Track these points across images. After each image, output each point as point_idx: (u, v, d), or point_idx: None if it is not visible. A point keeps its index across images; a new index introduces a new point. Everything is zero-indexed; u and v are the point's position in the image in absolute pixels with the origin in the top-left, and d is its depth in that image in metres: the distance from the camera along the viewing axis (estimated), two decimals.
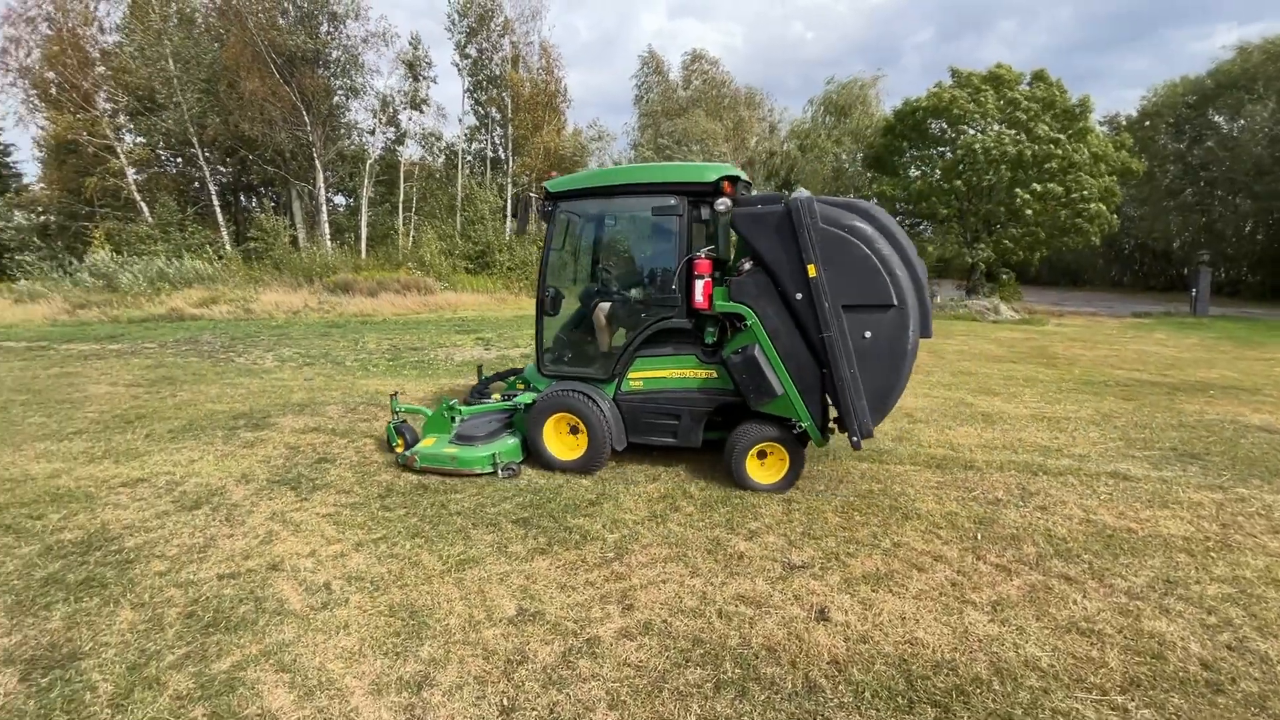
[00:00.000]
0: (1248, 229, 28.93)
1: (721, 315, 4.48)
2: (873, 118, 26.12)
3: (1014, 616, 2.92)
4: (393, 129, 30.36)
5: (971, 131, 21.33)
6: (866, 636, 2.77)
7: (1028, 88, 21.33)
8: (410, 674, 2.48)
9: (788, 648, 2.68)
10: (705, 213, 4.46)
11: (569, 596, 3.04)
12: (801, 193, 4.08)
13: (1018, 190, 19.69)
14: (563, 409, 4.70)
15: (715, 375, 4.56)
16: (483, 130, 31.93)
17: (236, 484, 4.45)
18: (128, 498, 4.18)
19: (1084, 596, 3.12)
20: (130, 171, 25.12)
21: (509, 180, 29.80)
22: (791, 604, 3.01)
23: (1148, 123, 30.62)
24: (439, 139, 32.55)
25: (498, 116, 30.82)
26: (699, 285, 4.33)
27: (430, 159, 33.01)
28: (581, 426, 4.67)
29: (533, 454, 4.86)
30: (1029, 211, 19.88)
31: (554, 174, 5.49)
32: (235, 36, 23.66)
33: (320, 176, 26.23)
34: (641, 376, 4.74)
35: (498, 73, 29.53)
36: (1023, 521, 3.99)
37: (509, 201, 29.47)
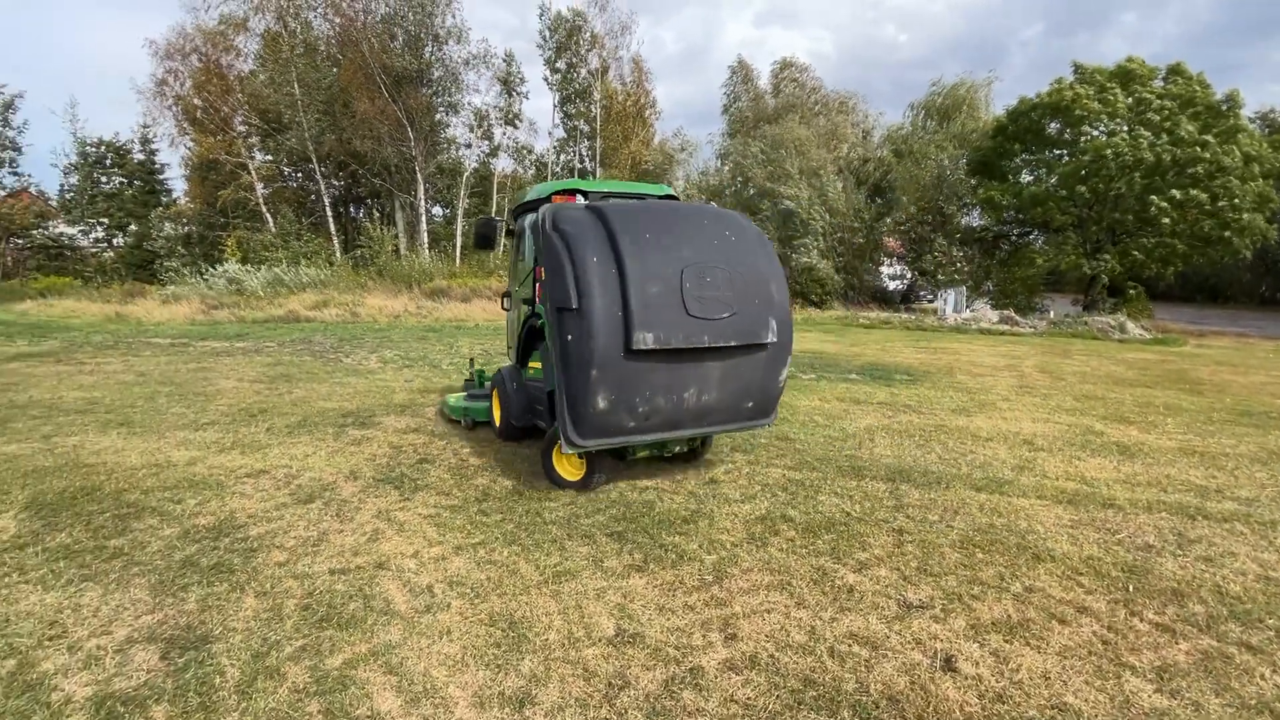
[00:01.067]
0: None
1: None
2: (980, 121, 24.55)
3: (1186, 688, 2.51)
4: (486, 143, 31.87)
5: (1095, 133, 19.56)
6: (1004, 695, 2.46)
7: (1162, 84, 19.32)
8: (512, 689, 2.43)
9: (912, 700, 2.42)
10: None
11: (668, 620, 2.92)
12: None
13: (1153, 197, 17.81)
14: (493, 385, 6.11)
15: None
16: (571, 142, 32.82)
17: (346, 480, 4.67)
18: (252, 488, 4.47)
19: (1274, 671, 2.64)
20: (259, 186, 27.69)
21: None
22: (912, 648, 2.74)
23: None
24: (530, 152, 33.80)
25: (586, 129, 31.58)
26: (536, 288, 4.70)
27: (521, 171, 34.31)
28: None
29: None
30: (1165, 220, 17.93)
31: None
32: (351, 60, 25.60)
33: (421, 189, 27.83)
34: (533, 366, 5.38)
35: (586, 86, 30.28)
36: (1184, 574, 3.47)
37: None
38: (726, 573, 3.37)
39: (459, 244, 29.03)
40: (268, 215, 27.25)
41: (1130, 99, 19.00)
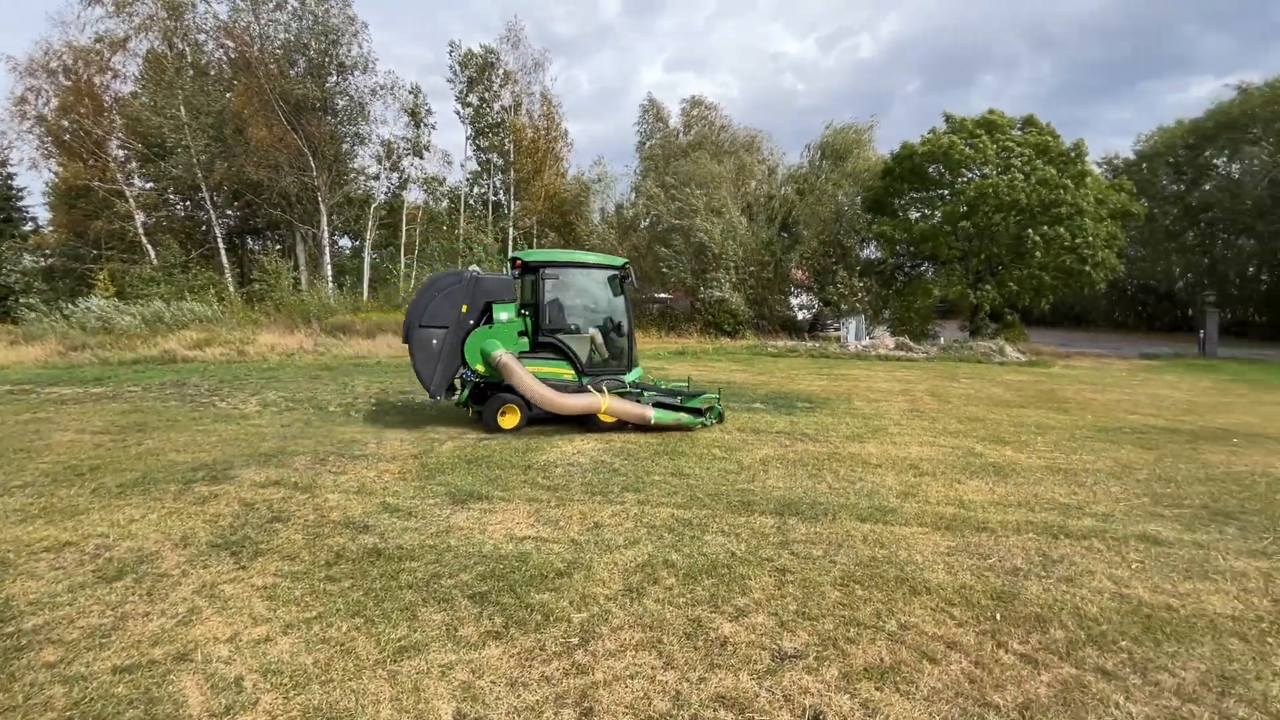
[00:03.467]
0: (1251, 270, 28.74)
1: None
2: (869, 161, 26.34)
3: None
4: (396, 174, 30.95)
5: (971, 175, 21.40)
6: None
7: (1020, 133, 21.49)
8: None
9: None
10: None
11: (518, 696, 2.59)
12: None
13: (1029, 232, 19.54)
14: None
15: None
16: (485, 175, 32.45)
17: (173, 548, 4.04)
18: (47, 565, 3.77)
19: (1127, 698, 2.65)
20: (139, 215, 25.40)
21: (510, 222, 30.08)
22: (781, 708, 2.55)
23: (1145, 166, 30.82)
24: (441, 184, 33.11)
25: (499, 162, 31.36)
26: None
27: (433, 203, 33.50)
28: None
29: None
30: (1036, 255, 19.72)
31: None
32: (245, 85, 24.24)
33: (325, 220, 26.47)
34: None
35: (500, 120, 30.17)
36: (1047, 597, 3.53)
37: (509, 243, 29.67)
38: (595, 633, 3.09)
39: (366, 277, 27.75)
40: (149, 246, 24.98)
41: (995, 146, 20.98)
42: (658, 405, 7.67)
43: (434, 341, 7.48)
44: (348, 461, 6.19)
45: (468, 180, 32.58)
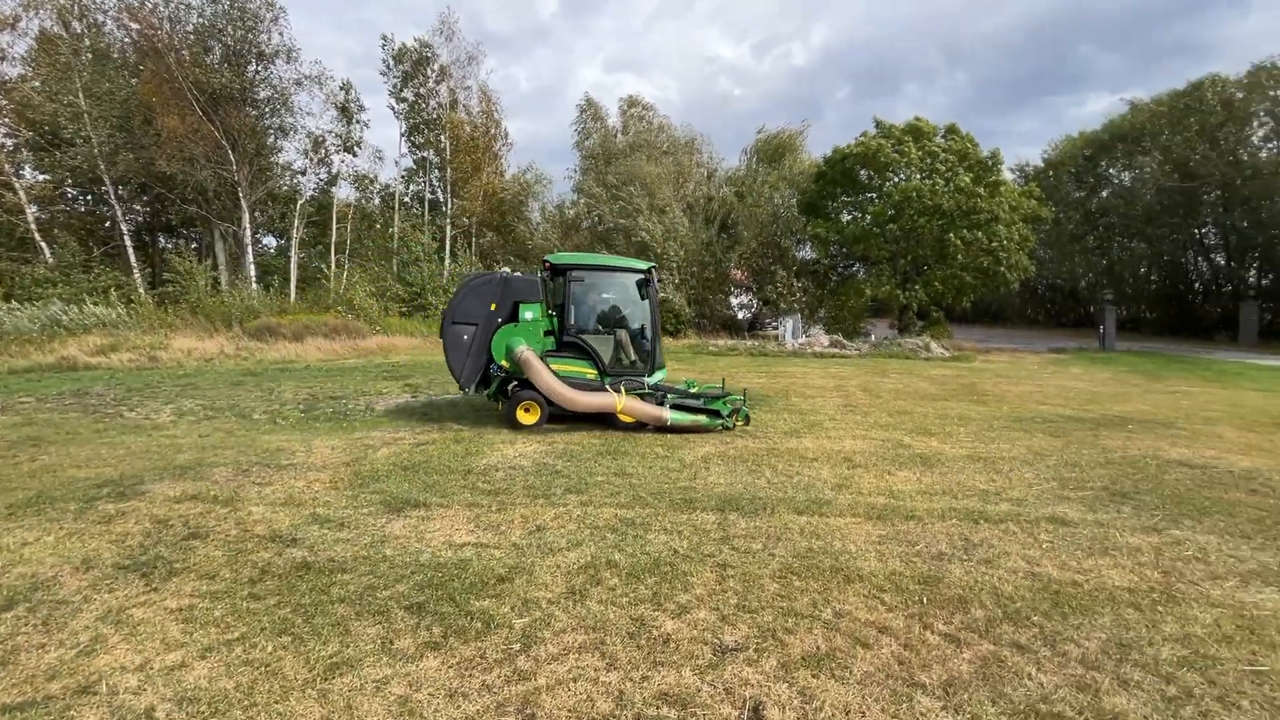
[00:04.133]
0: (1143, 270, 31.38)
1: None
2: (803, 164, 27.20)
3: (969, 701, 2.61)
4: (325, 170, 29.61)
5: (898, 179, 22.43)
6: None
7: (943, 140, 22.71)
8: None
9: None
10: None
11: (458, 707, 2.53)
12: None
13: (950, 235, 20.65)
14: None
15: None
16: (420, 173, 31.49)
17: (73, 572, 3.72)
18: None
19: (1038, 669, 2.84)
20: (30, 209, 23.23)
21: (448, 222, 29.31)
22: (722, 701, 2.60)
23: (1051, 173, 33.14)
24: (374, 181, 31.91)
25: (435, 160, 30.50)
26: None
27: (365, 201, 32.24)
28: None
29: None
30: (958, 257, 20.86)
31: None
32: (154, 72, 22.60)
33: (246, 217, 25.02)
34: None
35: (435, 116, 29.34)
36: (968, 579, 3.74)
37: (447, 243, 28.93)
38: (537, 637, 3.05)
39: (294, 276, 26.38)
40: (42, 244, 22.88)
41: (920, 151, 22.08)
42: (676, 407, 7.84)
43: (465, 337, 7.93)
44: (274, 472, 5.87)
45: (402, 178, 31.55)
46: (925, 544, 4.27)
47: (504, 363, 7.93)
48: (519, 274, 8.28)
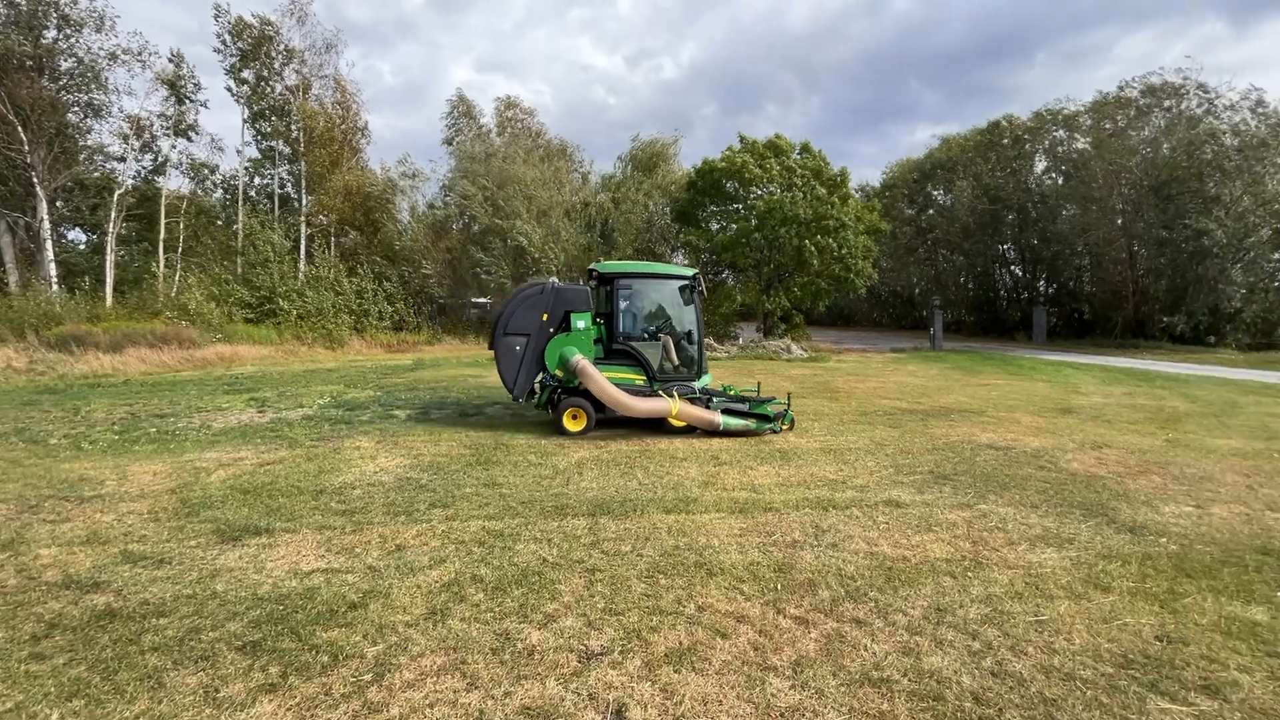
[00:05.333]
0: (963, 279, 36.08)
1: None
2: (675, 175, 28.22)
3: (813, 678, 2.82)
4: (151, 156, 25.96)
5: (760, 191, 23.96)
6: None
7: (799, 156, 24.63)
8: None
9: None
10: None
11: None
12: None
13: (806, 243, 22.39)
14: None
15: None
16: (268, 165, 28.60)
17: None
18: None
19: (873, 640, 3.15)
20: None
21: (302, 219, 26.86)
22: (586, 708, 2.60)
23: (888, 193, 37.16)
24: (213, 171, 28.52)
25: (286, 151, 27.86)
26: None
27: (203, 193, 28.68)
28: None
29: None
30: (813, 264, 22.66)
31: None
32: None
33: (44, 206, 21.29)
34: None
35: (284, 103, 26.81)
36: (817, 563, 4.06)
37: (302, 242, 26.51)
38: (391, 664, 2.86)
39: (110, 277, 22.76)
40: None
41: (780, 166, 23.78)
42: (726, 411, 7.99)
43: (517, 348, 8.01)
44: (73, 505, 5.02)
45: (247, 169, 28.47)
46: (781, 534, 4.57)
47: (557, 372, 8.01)
48: (569, 284, 8.43)
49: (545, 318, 7.98)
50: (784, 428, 8.27)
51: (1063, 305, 30.72)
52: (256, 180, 29.59)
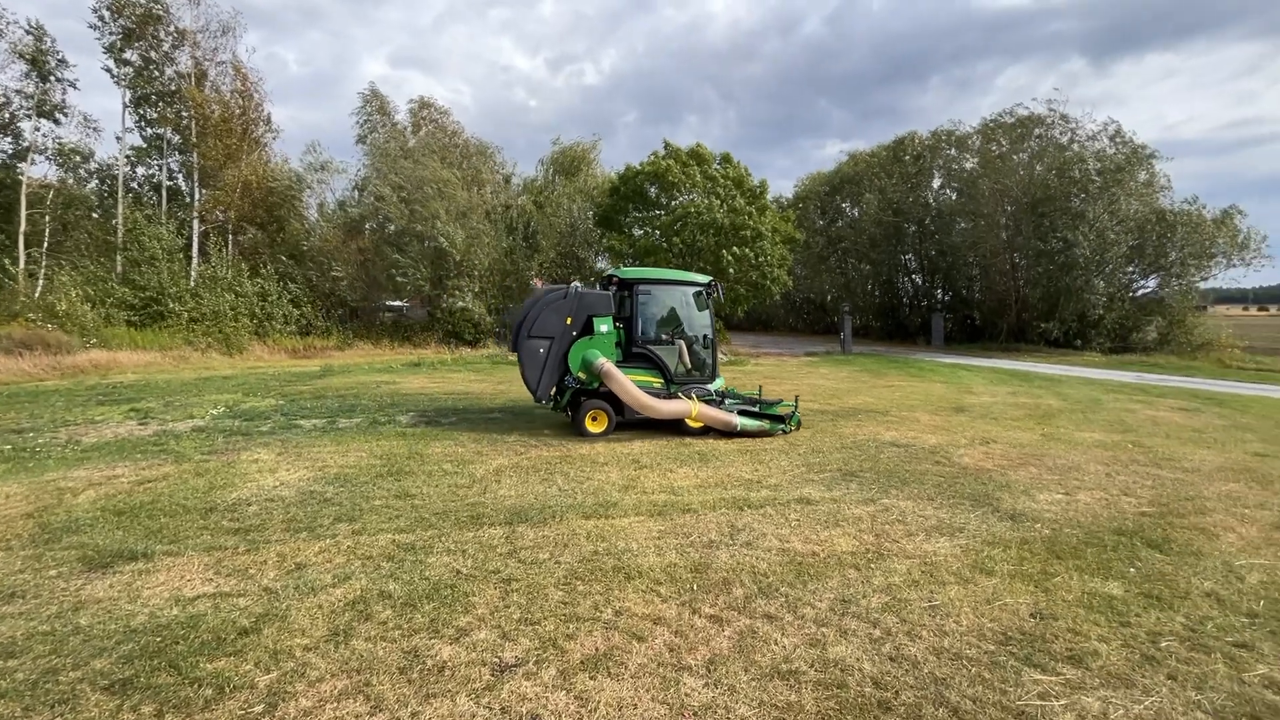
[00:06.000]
0: (870, 287, 38.30)
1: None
2: (597, 179, 28.29)
3: (726, 675, 2.89)
4: (10, 140, 23.16)
5: (683, 198, 24.43)
6: None
7: (720, 166, 25.33)
8: None
9: None
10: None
11: None
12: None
13: (724, 251, 22.99)
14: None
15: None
16: (155, 154, 26.16)
17: None
18: None
19: (783, 634, 3.26)
20: None
21: (194, 215, 24.75)
22: None
23: (801, 204, 38.94)
24: (87, 158, 25.77)
25: (176, 140, 25.60)
26: None
27: (75, 183, 25.84)
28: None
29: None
30: (731, 270, 23.33)
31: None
32: None
33: None
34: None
35: (175, 88, 24.64)
36: (732, 562, 4.17)
37: (194, 239, 24.41)
38: (287, 693, 2.68)
39: None
40: None
41: (701, 174, 24.36)
42: (743, 413, 8.33)
43: (540, 350, 8.11)
44: None
45: (129, 158, 25.94)
46: (699, 534, 4.66)
47: (581, 374, 8.15)
48: (591, 289, 8.62)
49: (569, 321, 8.17)
50: (792, 428, 8.59)
51: (957, 312, 33.24)
52: (140, 170, 27.04)
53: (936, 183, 34.06)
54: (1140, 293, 25.82)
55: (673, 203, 24.60)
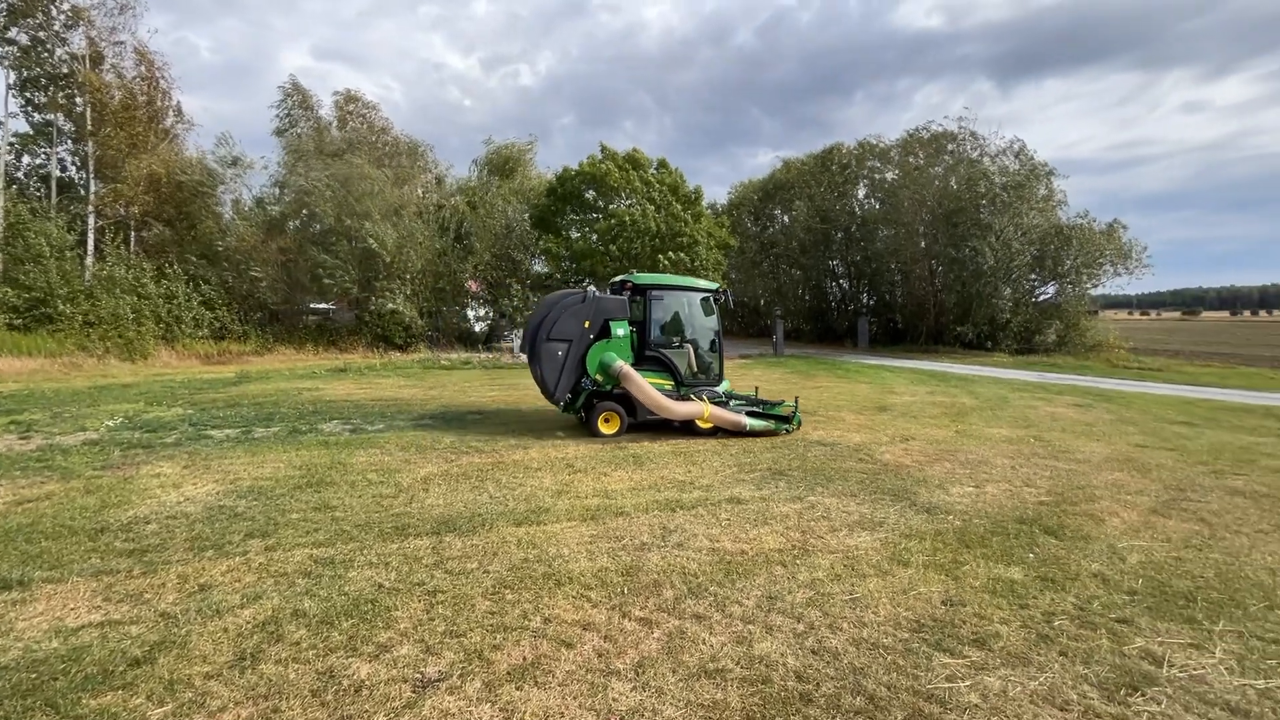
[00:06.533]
0: (800, 291, 39.63)
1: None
2: (534, 180, 28.00)
3: (654, 677, 2.90)
4: None
5: (621, 203, 24.52)
6: None
7: (656, 172, 25.59)
8: None
9: None
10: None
11: None
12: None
13: (660, 256, 23.22)
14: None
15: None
16: (44, 142, 23.87)
17: None
18: None
19: (711, 633, 3.31)
20: None
21: (90, 209, 22.73)
22: None
23: (735, 210, 39.92)
24: None
25: (69, 128, 23.45)
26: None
27: None
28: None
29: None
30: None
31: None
32: None
33: None
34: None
35: (65, 71, 22.58)
36: (664, 563, 4.20)
37: (90, 236, 22.40)
38: None
39: None
40: None
41: (639, 179, 24.53)
42: (751, 414, 8.70)
43: (559, 353, 8.31)
44: None
45: (13, 145, 23.60)
46: (631, 537, 4.67)
47: (597, 376, 8.41)
48: (607, 295, 8.89)
49: (586, 325, 8.41)
50: (794, 428, 8.91)
51: (881, 315, 34.90)
52: (26, 160, 24.66)
53: (861, 192, 35.69)
54: (1041, 298, 27.90)
55: (610, 206, 24.64)
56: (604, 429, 8.40)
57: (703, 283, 9.53)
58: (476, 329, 28.69)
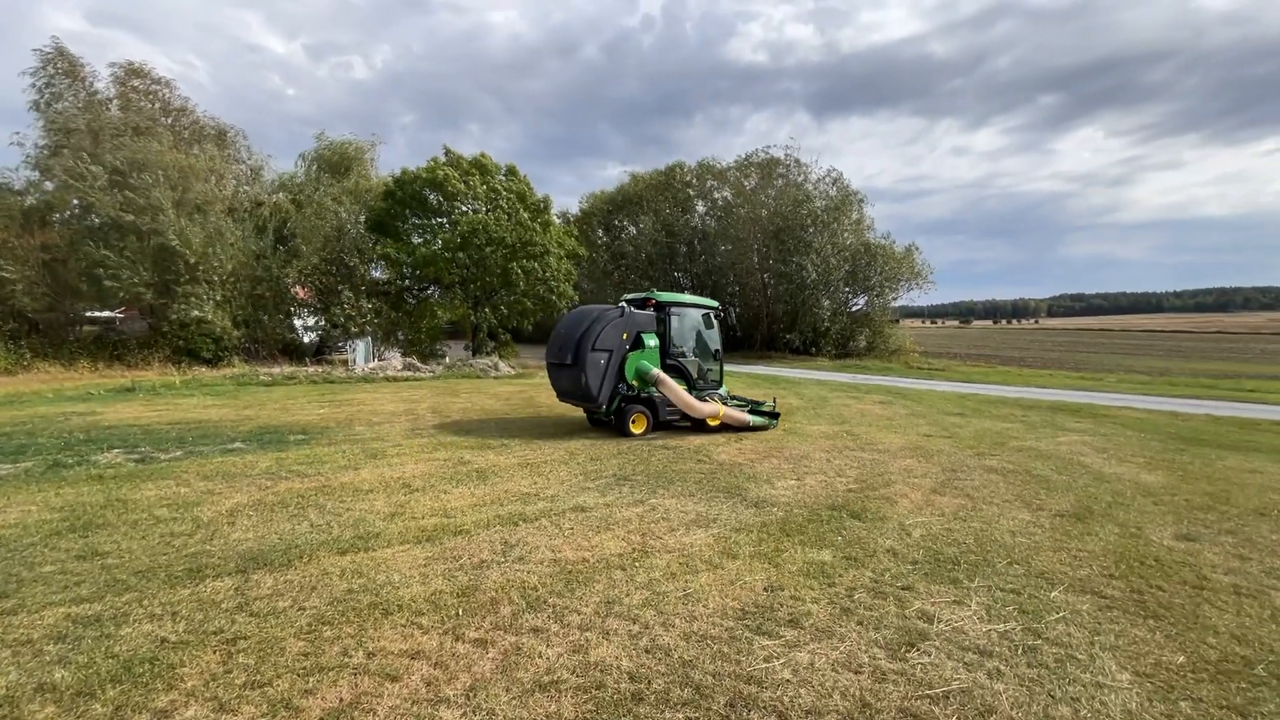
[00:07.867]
0: None
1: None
2: (371, 181, 26.11)
3: (486, 699, 2.81)
4: None
5: (465, 209, 23.65)
6: None
7: (504, 179, 25.10)
8: None
9: None
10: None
11: None
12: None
13: (513, 265, 22.75)
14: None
15: None
16: None
17: None
18: None
19: (548, 646, 3.29)
20: None
21: None
22: None
23: (587, 221, 40.53)
24: None
25: None
26: None
27: None
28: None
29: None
30: (520, 284, 23.23)
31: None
32: None
33: None
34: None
35: None
36: (503, 579, 4.10)
37: None
38: None
39: None
40: None
41: (485, 186, 23.88)
42: (751, 413, 10.25)
43: (602, 361, 9.14)
44: None
45: None
46: (469, 556, 4.50)
47: (634, 382, 9.48)
48: (638, 311, 9.80)
49: (625, 337, 9.36)
50: (773, 425, 10.32)
51: (721, 324, 37.57)
52: None
53: (702, 209, 38.01)
54: (855, 309, 31.72)
55: (455, 212, 23.70)
56: (634, 429, 9.42)
57: (707, 301, 11.03)
58: (306, 340, 25.96)
